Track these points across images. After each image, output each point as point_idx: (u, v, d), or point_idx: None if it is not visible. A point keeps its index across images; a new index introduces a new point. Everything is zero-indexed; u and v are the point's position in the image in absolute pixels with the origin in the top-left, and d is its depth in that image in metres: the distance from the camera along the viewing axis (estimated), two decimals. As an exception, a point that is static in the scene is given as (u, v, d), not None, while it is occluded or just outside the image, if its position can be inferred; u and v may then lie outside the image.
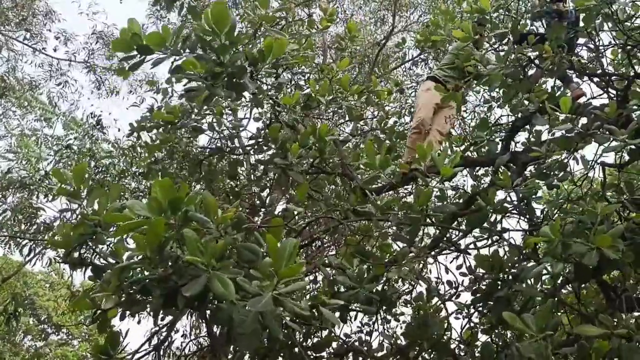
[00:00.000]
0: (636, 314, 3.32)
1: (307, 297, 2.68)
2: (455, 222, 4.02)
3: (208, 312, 2.34)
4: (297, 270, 2.03)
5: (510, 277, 3.30)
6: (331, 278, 3.11)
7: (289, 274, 2.01)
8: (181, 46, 2.90)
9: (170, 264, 2.20)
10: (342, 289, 3.06)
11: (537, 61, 3.95)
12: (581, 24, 3.79)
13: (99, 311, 2.46)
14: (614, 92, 3.95)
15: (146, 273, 2.28)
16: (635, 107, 3.41)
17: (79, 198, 2.69)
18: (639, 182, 3.63)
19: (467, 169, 4.31)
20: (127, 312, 2.45)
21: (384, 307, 3.41)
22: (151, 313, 2.36)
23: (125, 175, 8.66)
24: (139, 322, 3.76)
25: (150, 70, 12.32)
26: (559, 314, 3.74)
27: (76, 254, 2.74)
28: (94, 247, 2.72)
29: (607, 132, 2.99)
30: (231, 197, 4.24)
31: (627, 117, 3.33)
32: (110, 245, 2.72)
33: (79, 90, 13.55)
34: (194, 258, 2.02)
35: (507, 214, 3.68)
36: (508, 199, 3.65)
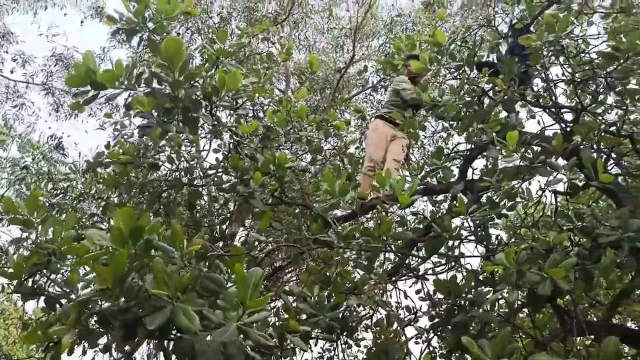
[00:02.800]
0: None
1: (270, 326, 2.67)
2: (415, 248, 4.09)
3: (169, 342, 2.30)
4: (264, 302, 2.03)
5: (467, 303, 3.37)
6: (292, 306, 3.11)
7: (255, 305, 2.01)
8: (135, 81, 2.91)
9: (131, 295, 2.17)
10: (304, 317, 3.06)
11: (490, 93, 4.10)
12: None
13: (50, 344, 2.40)
14: (564, 124, 4.14)
15: (105, 304, 2.24)
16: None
17: (32, 227, 2.64)
18: (588, 210, 3.78)
19: (426, 195, 4.42)
20: (85, 345, 2.39)
21: (345, 333, 3.43)
22: (109, 345, 2.32)
23: (84, 198, 8.49)
24: (92, 358, 3.61)
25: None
26: (514, 337, 3.82)
27: (29, 284, 2.67)
28: (47, 276, 2.66)
29: (550, 167, 3.15)
30: (190, 228, 4.21)
31: (573, 149, 3.49)
32: (64, 274, 2.67)
33: (36, 112, 13.27)
34: (159, 292, 2.00)
35: (465, 240, 3.78)
36: (465, 224, 3.74)
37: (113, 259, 2.05)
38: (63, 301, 2.55)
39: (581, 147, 3.61)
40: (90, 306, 2.26)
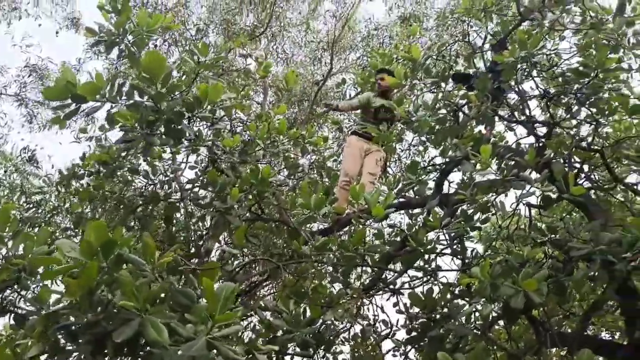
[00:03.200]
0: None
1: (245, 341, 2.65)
2: (391, 262, 4.11)
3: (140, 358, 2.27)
4: (233, 316, 2.01)
5: (443, 316, 3.39)
6: (268, 320, 3.09)
7: (224, 319, 1.99)
8: (117, 93, 2.88)
9: (100, 308, 2.13)
10: (280, 332, 3.04)
11: (465, 108, 4.16)
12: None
13: (20, 363, 2.34)
14: (537, 137, 4.21)
15: (73, 318, 2.19)
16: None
17: (2, 242, 2.58)
18: (561, 222, 3.83)
19: (402, 209, 4.45)
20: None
21: (322, 348, 3.41)
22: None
23: (58, 212, 8.36)
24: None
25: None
26: (490, 349, 3.85)
27: (-3, 301, 2.61)
28: (18, 292, 2.60)
29: (523, 180, 3.20)
30: (166, 244, 4.16)
31: (545, 163, 3.55)
32: (34, 291, 2.61)
33: (8, 124, 13.05)
34: (126, 303, 1.97)
35: (441, 253, 3.80)
36: (442, 237, 3.77)
37: (83, 271, 2.02)
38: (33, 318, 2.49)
39: (553, 160, 3.68)
40: (59, 320, 2.21)
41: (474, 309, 3.09)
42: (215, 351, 2.01)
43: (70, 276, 2.09)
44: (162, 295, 2.18)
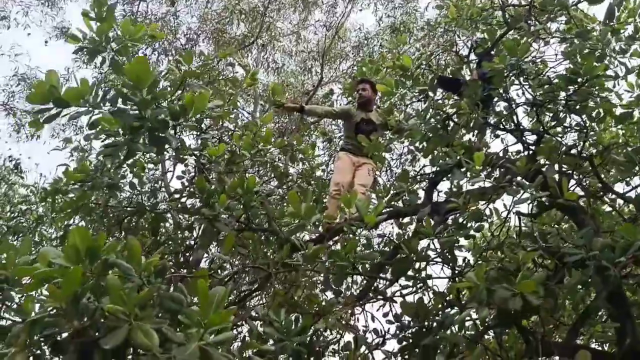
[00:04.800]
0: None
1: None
2: (383, 270, 4.08)
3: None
4: (226, 318, 1.97)
5: (435, 325, 3.36)
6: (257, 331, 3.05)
7: (217, 321, 1.94)
8: (101, 100, 2.84)
9: (87, 316, 2.08)
10: (270, 342, 3.00)
11: (455, 117, 4.16)
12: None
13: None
14: (527, 145, 4.22)
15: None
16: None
17: (-17, 253, 2.51)
18: (553, 230, 3.82)
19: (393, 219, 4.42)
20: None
21: (312, 359, 3.37)
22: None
23: (44, 221, 8.29)
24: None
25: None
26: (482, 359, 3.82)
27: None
28: (1, 303, 2.54)
29: (517, 186, 3.19)
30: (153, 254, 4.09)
31: (536, 170, 3.55)
32: (18, 302, 2.55)
33: (-4, 133, 12.94)
34: (115, 307, 1.92)
35: (432, 262, 3.78)
36: (432, 246, 3.75)
37: (67, 275, 1.96)
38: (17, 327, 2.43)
39: (546, 166, 3.68)
40: (44, 329, 2.15)
41: (467, 317, 3.07)
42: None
43: (55, 284, 2.04)
44: (152, 301, 2.13)
